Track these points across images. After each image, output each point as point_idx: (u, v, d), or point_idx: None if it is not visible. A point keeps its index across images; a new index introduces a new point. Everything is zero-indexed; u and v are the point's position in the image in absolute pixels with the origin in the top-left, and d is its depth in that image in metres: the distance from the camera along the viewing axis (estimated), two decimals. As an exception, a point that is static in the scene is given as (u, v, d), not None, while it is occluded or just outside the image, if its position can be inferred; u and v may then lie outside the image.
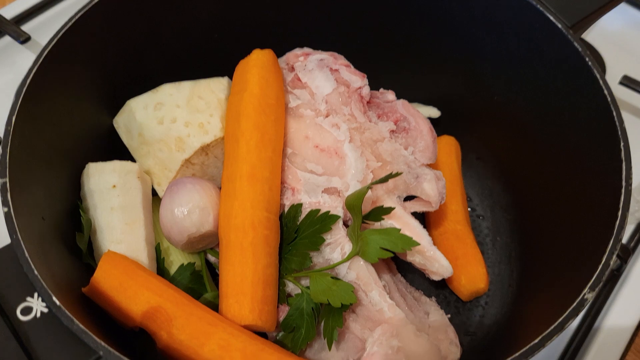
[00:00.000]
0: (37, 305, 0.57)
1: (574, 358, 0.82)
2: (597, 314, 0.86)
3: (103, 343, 0.50)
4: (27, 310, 0.56)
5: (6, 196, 0.58)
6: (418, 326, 0.69)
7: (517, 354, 0.51)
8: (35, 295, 0.58)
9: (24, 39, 1.09)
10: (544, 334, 0.51)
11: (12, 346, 0.53)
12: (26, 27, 1.14)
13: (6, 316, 0.56)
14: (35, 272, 0.54)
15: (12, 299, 0.57)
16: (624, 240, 0.93)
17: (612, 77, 1.13)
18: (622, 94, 1.10)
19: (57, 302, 0.52)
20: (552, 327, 0.52)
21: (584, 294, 0.54)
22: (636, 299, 0.87)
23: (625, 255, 0.88)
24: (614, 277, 0.90)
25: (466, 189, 0.95)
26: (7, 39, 1.14)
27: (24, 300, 0.57)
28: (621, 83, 1.07)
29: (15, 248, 0.55)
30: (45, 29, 0.69)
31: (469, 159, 0.96)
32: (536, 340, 0.51)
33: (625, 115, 1.04)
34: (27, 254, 0.55)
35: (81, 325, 0.51)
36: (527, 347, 0.51)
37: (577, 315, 0.53)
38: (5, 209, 0.57)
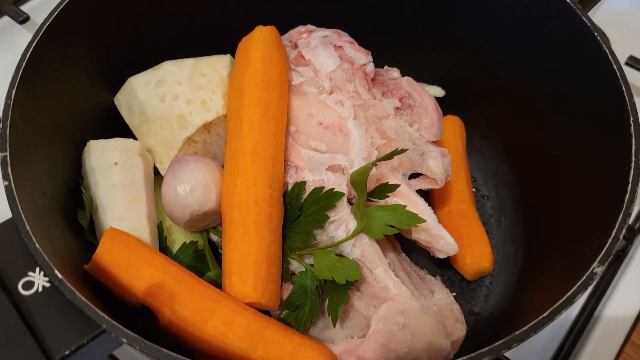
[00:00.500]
0: (38, 279, 0.56)
1: (573, 348, 0.82)
2: (597, 302, 0.85)
3: (106, 316, 0.50)
4: (28, 285, 0.56)
5: (7, 170, 0.57)
6: (423, 304, 0.68)
7: (526, 327, 0.50)
8: (37, 270, 0.57)
9: (23, 19, 1.08)
10: (553, 307, 0.51)
11: (13, 320, 0.53)
12: (25, 7, 1.13)
13: (8, 291, 0.55)
14: (37, 245, 0.53)
15: (14, 273, 0.56)
16: (630, 220, 0.92)
17: (618, 58, 1.11)
18: (628, 75, 1.08)
19: (59, 275, 0.51)
20: (562, 300, 0.51)
21: (594, 268, 0.53)
22: (637, 287, 0.86)
23: (631, 235, 0.87)
24: (619, 259, 0.90)
25: (471, 169, 0.94)
26: (6, 19, 1.13)
27: (26, 275, 0.56)
28: (627, 64, 1.07)
29: (16, 221, 0.54)
30: (44, 9, 0.68)
31: (473, 139, 0.95)
32: (545, 314, 0.51)
33: None
34: (28, 227, 0.54)
35: (84, 299, 0.50)
36: (537, 320, 0.50)
37: (586, 288, 0.52)
38: (6, 183, 0.56)
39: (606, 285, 0.87)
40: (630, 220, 0.92)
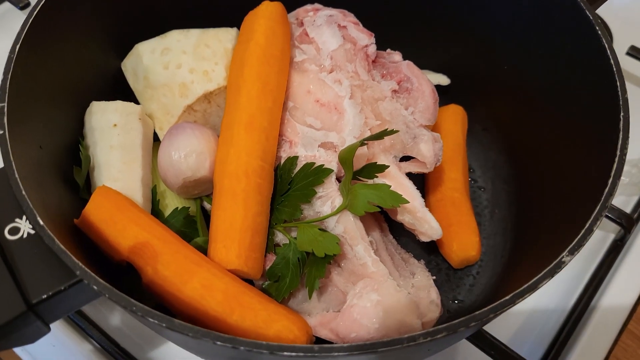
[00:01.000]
0: (24, 226, 0.58)
1: (570, 337, 0.82)
2: (595, 291, 0.86)
3: (80, 264, 0.52)
4: (14, 230, 0.58)
5: (2, 119, 0.59)
6: (401, 283, 0.69)
7: (486, 309, 0.50)
8: (24, 217, 0.59)
9: (23, 4, 1.11)
10: (515, 292, 0.51)
11: (-4, 262, 0.55)
12: None
13: (-6, 235, 0.58)
14: (23, 192, 0.55)
15: (1, 218, 0.58)
16: (628, 210, 0.93)
17: (619, 48, 1.13)
18: (628, 65, 1.10)
19: (41, 222, 0.53)
20: (525, 285, 0.51)
21: (562, 257, 0.53)
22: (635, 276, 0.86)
23: (629, 224, 0.87)
24: (617, 247, 0.90)
25: (470, 160, 0.94)
26: (7, 5, 1.15)
27: (13, 221, 0.59)
28: (628, 54, 1.08)
29: (6, 169, 0.56)
30: None
31: (475, 130, 0.95)
32: (507, 297, 0.51)
33: (631, 87, 1.03)
34: (17, 175, 0.56)
35: (61, 246, 0.52)
36: (498, 302, 0.51)
37: (552, 276, 0.52)
38: (1, 132, 0.58)
39: (604, 274, 0.88)
40: (629, 209, 0.93)
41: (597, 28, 0.69)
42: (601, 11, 1.16)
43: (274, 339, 0.63)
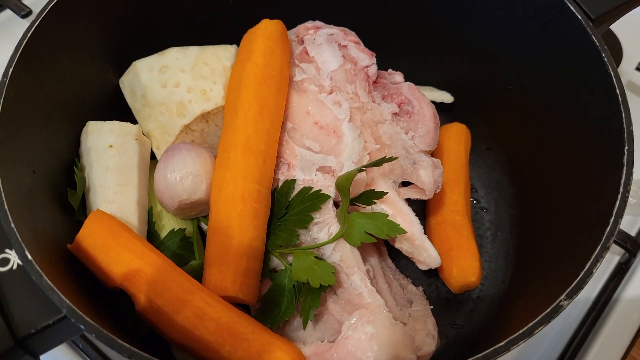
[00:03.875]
0: (14, 257, 0.58)
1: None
2: (598, 315, 0.85)
3: (68, 301, 0.51)
4: (4, 262, 0.57)
5: (-7, 148, 0.58)
6: (397, 314, 0.68)
7: (479, 355, 0.49)
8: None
9: (25, 12, 1.10)
10: (510, 338, 0.50)
11: (-16, 294, 0.54)
12: (27, 1, 1.14)
13: (-17, 265, 0.57)
14: (12, 224, 0.54)
15: (-9, 249, 0.58)
16: (633, 233, 0.91)
17: (630, 63, 1.12)
18: (638, 79, 1.09)
19: (29, 257, 0.53)
20: (520, 332, 0.50)
21: (560, 301, 0.52)
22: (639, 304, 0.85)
23: (635, 248, 0.86)
24: (622, 270, 0.89)
25: (473, 180, 0.93)
26: (9, 12, 1.15)
27: (3, 251, 0.58)
28: (638, 69, 1.08)
29: (-5, 200, 0.55)
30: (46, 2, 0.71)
31: (479, 149, 0.94)
32: (501, 344, 0.50)
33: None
34: (6, 207, 0.55)
35: (49, 282, 0.52)
36: (492, 349, 0.49)
37: (548, 321, 0.51)
38: (-10, 160, 0.58)
39: (608, 297, 0.86)
40: (635, 231, 0.91)
41: (602, 54, 0.67)
42: (612, 25, 1.14)
43: (267, 370, 0.62)
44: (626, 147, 0.60)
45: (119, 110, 0.83)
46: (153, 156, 0.82)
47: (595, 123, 0.68)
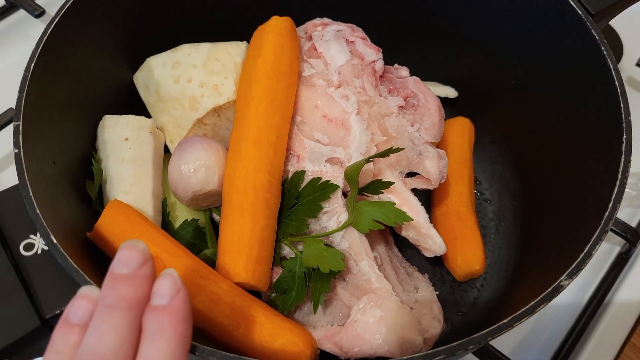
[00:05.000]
0: (39, 242, 0.60)
1: (573, 349, 0.83)
2: (599, 304, 0.87)
3: (92, 282, 0.53)
4: (29, 247, 0.60)
5: (18, 138, 0.61)
6: (404, 299, 0.71)
7: (484, 331, 0.52)
8: (38, 234, 0.61)
9: (39, 12, 1.12)
10: (513, 315, 0.52)
11: (11, 278, 0.57)
12: (41, 1, 1.16)
13: (9, 250, 0.60)
14: (37, 210, 0.57)
15: (17, 234, 0.61)
16: (634, 224, 0.94)
17: (630, 59, 1.15)
18: (639, 75, 1.12)
19: (54, 240, 0.55)
20: (523, 309, 0.53)
21: (561, 281, 0.54)
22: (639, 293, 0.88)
23: (635, 238, 0.89)
24: (622, 260, 0.91)
25: (477, 173, 0.95)
26: (22, 12, 1.17)
27: (28, 237, 0.61)
28: (638, 64, 1.10)
29: (21, 187, 0.58)
30: (59, 2, 0.72)
31: (483, 143, 0.96)
32: (505, 320, 0.52)
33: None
34: (31, 194, 0.58)
35: (74, 264, 0.54)
36: (495, 326, 0.52)
37: (550, 300, 0.53)
38: (16, 151, 0.60)
39: (608, 288, 0.89)
40: (635, 222, 0.94)
41: (602, 48, 0.70)
42: (613, 22, 1.16)
43: (279, 352, 0.65)
44: (624, 136, 0.62)
45: (133, 105, 0.86)
46: (166, 149, 0.85)
47: (596, 115, 0.70)
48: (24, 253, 0.60)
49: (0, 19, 1.20)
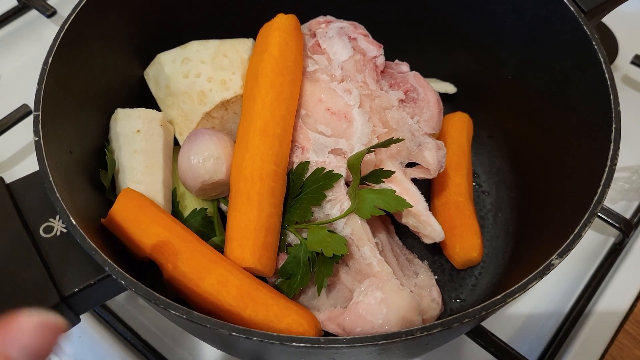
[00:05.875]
0: (57, 225, 0.64)
1: (567, 336, 0.87)
2: (593, 292, 0.91)
3: (110, 260, 0.57)
4: (48, 229, 0.64)
5: (38, 127, 0.65)
6: (404, 282, 0.74)
7: (478, 307, 0.55)
8: (57, 217, 0.65)
9: (51, 12, 1.15)
10: (506, 292, 0.55)
11: (32, 257, 0.60)
12: (52, 1, 1.19)
13: (30, 233, 0.63)
14: (57, 194, 0.60)
15: (37, 218, 0.64)
16: (628, 215, 0.97)
17: (625, 57, 1.17)
18: (634, 73, 1.14)
19: (74, 222, 0.59)
20: (516, 286, 0.56)
21: (552, 259, 0.57)
22: (631, 282, 0.90)
23: (628, 229, 0.92)
24: (616, 251, 0.95)
25: (475, 166, 0.98)
26: (34, 12, 1.20)
27: (47, 220, 0.64)
28: (633, 62, 1.12)
29: (41, 173, 0.62)
30: (71, 3, 0.76)
31: (480, 137, 0.99)
32: (499, 296, 0.55)
33: (635, 94, 1.07)
34: (51, 179, 0.61)
35: (92, 244, 0.57)
36: (489, 301, 0.55)
37: (541, 277, 0.56)
38: (36, 139, 0.64)
39: (602, 276, 0.92)
40: (629, 214, 0.97)
41: (593, 43, 0.73)
42: (608, 19, 1.19)
43: (284, 331, 0.68)
44: (614, 126, 0.65)
45: (144, 99, 0.90)
46: (176, 142, 0.88)
47: (588, 108, 0.73)
48: (43, 235, 0.63)
49: (13, 19, 1.24)
